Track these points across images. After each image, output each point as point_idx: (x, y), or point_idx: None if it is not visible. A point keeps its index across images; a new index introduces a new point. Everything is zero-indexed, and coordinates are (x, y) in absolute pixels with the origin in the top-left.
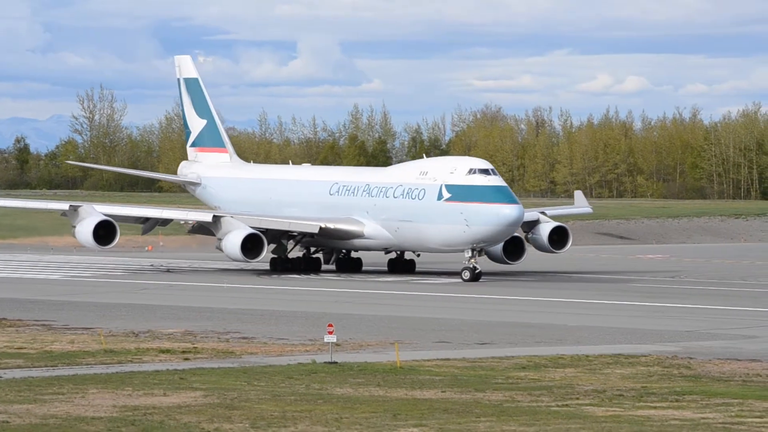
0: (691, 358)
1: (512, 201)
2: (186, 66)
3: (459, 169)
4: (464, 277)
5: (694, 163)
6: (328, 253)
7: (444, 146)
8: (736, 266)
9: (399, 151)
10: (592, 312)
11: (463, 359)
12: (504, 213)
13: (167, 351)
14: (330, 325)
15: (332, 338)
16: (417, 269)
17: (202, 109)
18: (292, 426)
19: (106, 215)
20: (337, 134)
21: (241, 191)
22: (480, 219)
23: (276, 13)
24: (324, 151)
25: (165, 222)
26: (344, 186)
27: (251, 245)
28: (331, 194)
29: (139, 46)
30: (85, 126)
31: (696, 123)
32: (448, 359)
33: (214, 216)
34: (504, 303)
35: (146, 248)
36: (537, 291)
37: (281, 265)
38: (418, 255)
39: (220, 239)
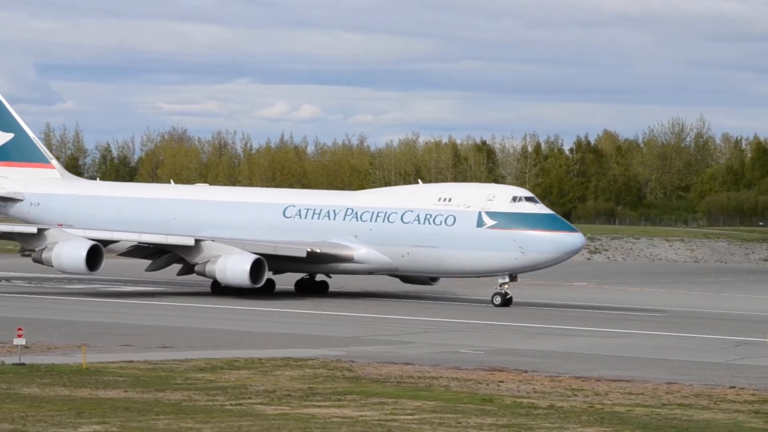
0: (353, 362)
1: (573, 229)
2: None
3: (499, 196)
4: (495, 302)
5: (360, 185)
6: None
7: (134, 164)
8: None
9: (90, 167)
10: (267, 319)
11: (146, 361)
12: (570, 241)
13: None
14: (19, 329)
15: (21, 341)
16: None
17: (2, 122)
18: None
19: (92, 239)
20: None
21: (109, 210)
22: (540, 246)
23: None
24: None
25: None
26: (308, 209)
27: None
28: (287, 217)
29: None
30: None
31: (363, 149)
32: (131, 361)
33: (196, 240)
34: (191, 310)
35: None
36: (225, 300)
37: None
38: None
39: (198, 263)
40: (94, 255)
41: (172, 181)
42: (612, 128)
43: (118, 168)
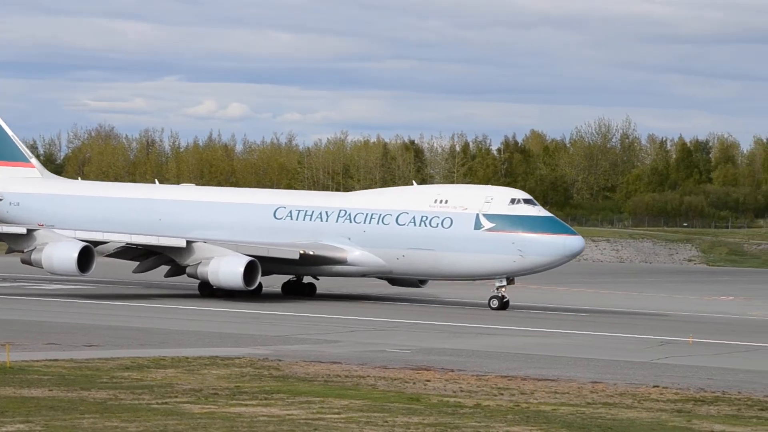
0: (280, 360)
1: (573, 232)
2: None
3: (497, 198)
4: (492, 306)
5: (288, 184)
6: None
7: (60, 161)
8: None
9: None
10: (195, 318)
11: (71, 360)
12: (569, 244)
13: None
14: None
15: None
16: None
17: None
18: None
19: (83, 240)
20: None
21: (91, 209)
22: (539, 249)
23: None
24: None
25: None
26: (299, 210)
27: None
28: (277, 218)
29: None
30: None
31: (291, 148)
32: (56, 360)
33: (188, 241)
34: (120, 309)
35: None
36: (161, 300)
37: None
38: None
39: (190, 265)
40: (85, 256)
41: (156, 181)
42: (539, 128)
43: (44, 165)
